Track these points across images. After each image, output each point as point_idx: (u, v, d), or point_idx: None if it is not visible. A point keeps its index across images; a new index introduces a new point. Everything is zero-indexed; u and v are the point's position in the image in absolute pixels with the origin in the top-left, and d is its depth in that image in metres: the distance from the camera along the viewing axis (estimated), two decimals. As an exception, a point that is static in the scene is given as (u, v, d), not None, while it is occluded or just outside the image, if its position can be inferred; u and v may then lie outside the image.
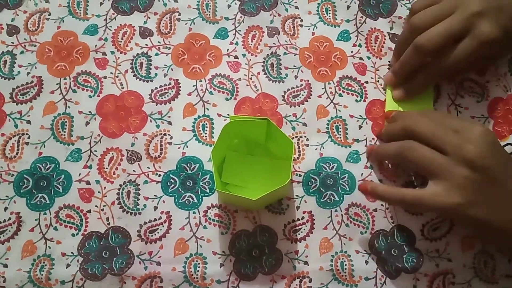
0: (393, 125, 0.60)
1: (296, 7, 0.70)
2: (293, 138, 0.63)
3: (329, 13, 0.70)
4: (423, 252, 0.58)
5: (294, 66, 0.67)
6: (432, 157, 0.52)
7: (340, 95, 0.65)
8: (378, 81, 0.66)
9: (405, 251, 0.59)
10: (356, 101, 0.65)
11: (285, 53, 0.67)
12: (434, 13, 0.59)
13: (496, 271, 0.58)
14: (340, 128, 0.64)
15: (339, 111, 0.64)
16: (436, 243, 0.59)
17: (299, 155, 0.62)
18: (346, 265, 0.58)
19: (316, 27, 0.69)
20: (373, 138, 0.63)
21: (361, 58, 0.67)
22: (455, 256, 0.59)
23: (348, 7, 0.71)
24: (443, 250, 0.59)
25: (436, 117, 0.56)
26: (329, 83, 0.66)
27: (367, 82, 0.66)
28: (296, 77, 0.66)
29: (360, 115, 0.64)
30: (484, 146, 0.51)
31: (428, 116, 0.56)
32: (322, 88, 0.66)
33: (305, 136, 0.63)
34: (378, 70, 0.67)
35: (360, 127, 0.64)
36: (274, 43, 0.68)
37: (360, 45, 0.68)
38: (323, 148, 0.63)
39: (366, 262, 0.58)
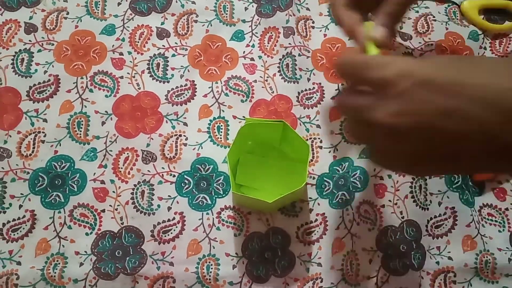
0: None
1: (308, 9, 0.71)
2: (307, 140, 0.63)
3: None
4: (426, 249, 0.59)
5: (307, 68, 0.67)
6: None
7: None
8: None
9: (413, 247, 0.59)
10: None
11: (299, 54, 0.67)
12: None
13: (496, 270, 0.58)
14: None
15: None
16: (438, 240, 0.59)
17: (313, 157, 0.62)
18: (354, 264, 0.58)
19: (328, 29, 0.69)
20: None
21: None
22: (456, 255, 0.59)
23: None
24: (444, 248, 0.59)
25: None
26: (342, 84, 0.66)
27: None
28: (308, 79, 0.66)
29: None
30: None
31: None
32: (336, 90, 0.65)
33: (319, 138, 0.63)
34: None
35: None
36: (289, 44, 0.68)
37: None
38: (337, 150, 0.63)
39: (370, 261, 0.58)
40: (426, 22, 0.70)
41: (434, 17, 0.71)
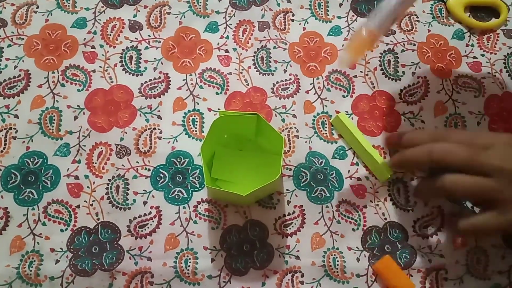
0: (415, 154, 0.56)
1: (289, 1, 0.70)
2: (283, 130, 0.62)
3: (321, 9, 0.70)
4: (416, 248, 0.58)
5: (283, 60, 0.66)
6: (479, 184, 0.51)
7: (328, 89, 0.65)
8: (367, 74, 0.66)
9: (398, 247, 0.59)
10: (343, 96, 0.65)
11: (274, 47, 0.67)
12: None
13: (488, 267, 0.58)
14: (326, 124, 0.63)
15: (326, 106, 0.64)
16: (428, 240, 0.59)
17: (290, 147, 0.62)
18: (338, 261, 0.57)
19: (307, 22, 0.69)
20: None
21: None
22: (447, 253, 0.58)
23: (341, 4, 0.71)
24: (435, 246, 0.59)
25: (459, 138, 0.54)
26: (317, 78, 0.66)
27: (356, 76, 0.66)
28: (285, 71, 0.66)
29: (346, 111, 0.64)
30: None
31: (453, 140, 0.55)
32: (310, 84, 0.65)
33: (295, 127, 0.63)
34: (369, 62, 0.67)
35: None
36: (264, 37, 0.67)
37: (351, 39, 0.68)
38: (311, 142, 0.62)
39: (358, 260, 0.58)
40: (410, 21, 0.70)
41: (417, 17, 0.70)
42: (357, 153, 0.62)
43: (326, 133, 0.63)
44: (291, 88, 0.65)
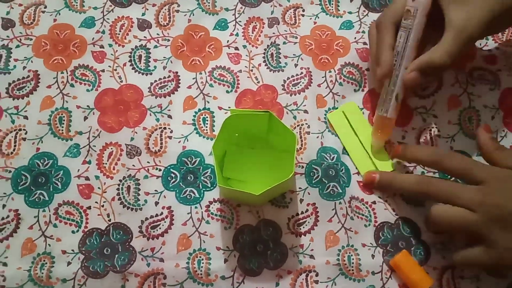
0: (404, 181, 0.57)
1: None
2: (294, 128, 0.62)
3: (332, 4, 0.69)
4: (430, 244, 0.58)
5: (293, 54, 0.66)
6: (462, 217, 0.51)
7: (340, 84, 0.64)
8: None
9: (412, 243, 0.58)
10: (355, 90, 0.64)
11: (284, 42, 0.66)
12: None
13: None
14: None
15: (337, 101, 0.63)
16: (442, 235, 0.58)
17: (301, 145, 0.61)
18: (353, 259, 0.57)
19: (318, 17, 0.68)
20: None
21: (364, 43, 0.67)
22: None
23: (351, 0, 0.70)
24: (448, 242, 0.58)
25: (455, 167, 0.54)
26: (330, 72, 0.65)
27: (368, 69, 0.65)
28: (296, 65, 0.65)
29: (357, 105, 0.64)
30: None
31: (447, 167, 0.55)
32: (322, 77, 0.65)
33: (307, 123, 0.62)
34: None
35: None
36: (273, 33, 0.67)
37: (364, 32, 0.67)
38: (323, 137, 0.62)
39: (373, 256, 0.57)
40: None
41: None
42: (351, 152, 0.62)
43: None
44: (303, 83, 0.64)
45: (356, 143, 0.61)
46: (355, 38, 0.67)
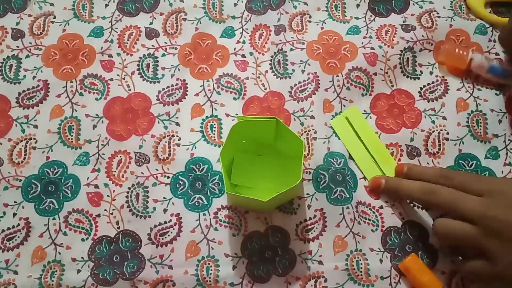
0: (411, 187, 0.57)
1: (305, 3, 0.69)
2: (302, 134, 0.62)
3: (339, 10, 0.69)
4: (437, 248, 0.57)
5: (301, 61, 0.66)
6: (463, 230, 0.51)
7: (348, 88, 0.64)
8: (387, 72, 0.65)
9: (419, 247, 0.57)
10: (362, 95, 0.64)
11: (291, 49, 0.67)
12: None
13: None
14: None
15: (344, 106, 0.64)
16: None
17: (309, 151, 0.61)
18: (361, 264, 0.56)
19: (325, 23, 0.69)
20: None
21: (372, 48, 0.66)
22: None
23: (358, 5, 0.70)
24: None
25: (462, 181, 0.54)
26: (337, 76, 0.65)
27: (375, 74, 0.65)
28: (303, 71, 0.65)
29: (365, 110, 0.64)
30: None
31: (456, 182, 0.54)
32: (330, 81, 0.65)
33: (313, 129, 0.62)
34: (389, 60, 0.66)
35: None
36: (280, 40, 0.67)
37: (371, 37, 0.67)
38: (330, 142, 0.62)
39: (381, 261, 0.57)
40: (430, 18, 0.69)
41: (438, 13, 0.69)
42: (356, 157, 0.62)
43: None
44: (310, 88, 0.64)
45: (361, 148, 0.61)
46: (362, 43, 0.67)
